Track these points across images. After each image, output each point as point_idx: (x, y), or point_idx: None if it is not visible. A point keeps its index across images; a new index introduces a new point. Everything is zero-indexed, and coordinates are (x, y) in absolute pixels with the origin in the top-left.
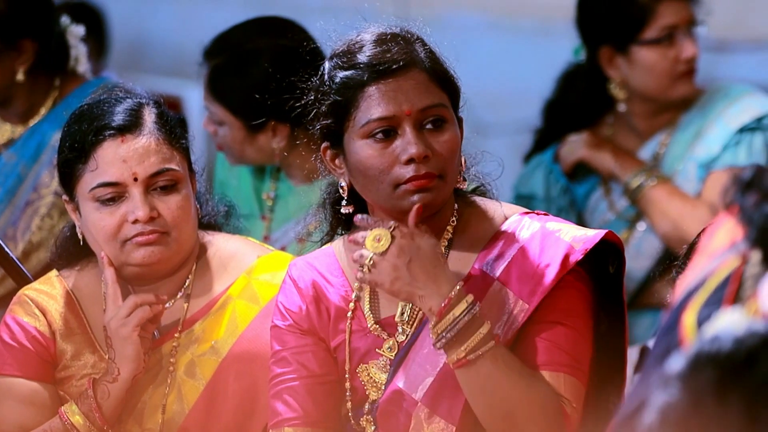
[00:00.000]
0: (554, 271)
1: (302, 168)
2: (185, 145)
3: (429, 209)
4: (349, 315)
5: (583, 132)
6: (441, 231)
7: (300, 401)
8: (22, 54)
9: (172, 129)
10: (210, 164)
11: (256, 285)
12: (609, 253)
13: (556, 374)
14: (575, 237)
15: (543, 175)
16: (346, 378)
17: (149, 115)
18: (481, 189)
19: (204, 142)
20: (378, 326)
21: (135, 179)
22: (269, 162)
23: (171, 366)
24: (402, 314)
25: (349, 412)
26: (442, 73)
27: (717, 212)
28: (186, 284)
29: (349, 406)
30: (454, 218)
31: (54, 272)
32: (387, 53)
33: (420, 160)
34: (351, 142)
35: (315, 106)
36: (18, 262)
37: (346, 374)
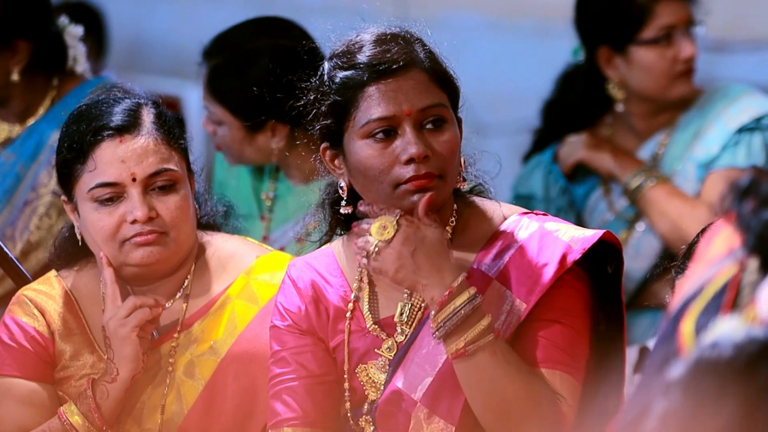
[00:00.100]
0: (552, 270)
1: (301, 168)
2: (184, 146)
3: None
4: (348, 315)
5: (582, 133)
6: None
7: (299, 401)
8: (17, 54)
9: (171, 129)
10: (209, 164)
11: (255, 285)
12: (607, 254)
13: (553, 372)
14: (573, 237)
15: (542, 176)
16: (345, 378)
17: (147, 116)
18: (479, 188)
19: (203, 143)
20: (377, 326)
21: (133, 179)
22: (268, 162)
23: (170, 366)
24: (401, 314)
25: (348, 413)
26: (442, 73)
27: (716, 212)
28: (185, 284)
29: (348, 407)
30: (453, 218)
31: (53, 272)
32: (387, 53)
33: (420, 160)
34: (351, 143)
35: (314, 107)
36: (17, 263)
37: (345, 374)
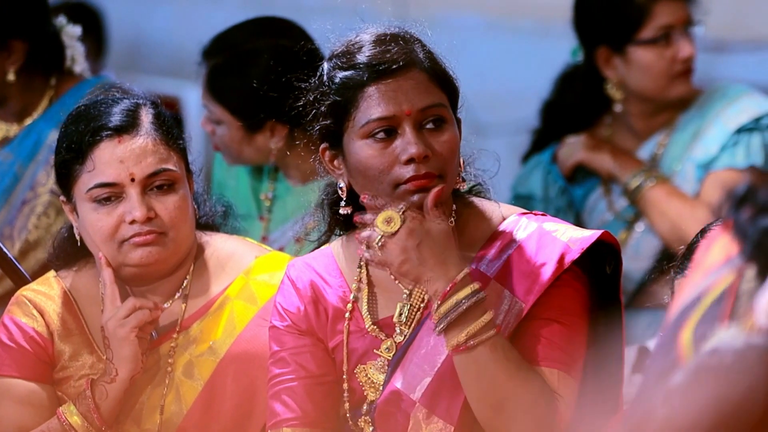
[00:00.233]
0: (551, 270)
1: (300, 168)
2: (182, 146)
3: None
4: (347, 316)
5: (581, 133)
6: None
7: (298, 402)
8: (12, 54)
9: (169, 129)
10: (208, 165)
11: (254, 285)
12: (606, 254)
13: (550, 370)
14: (572, 237)
15: (541, 176)
16: (344, 379)
17: (146, 116)
18: (477, 188)
19: (202, 143)
20: (376, 327)
21: (132, 180)
22: (266, 162)
23: (169, 366)
24: (400, 315)
25: (347, 413)
26: (442, 74)
27: (715, 213)
28: (184, 285)
29: (347, 407)
30: (452, 218)
31: (52, 273)
32: (386, 53)
33: (420, 160)
34: (350, 143)
35: (314, 107)
36: (16, 263)
37: (344, 375)
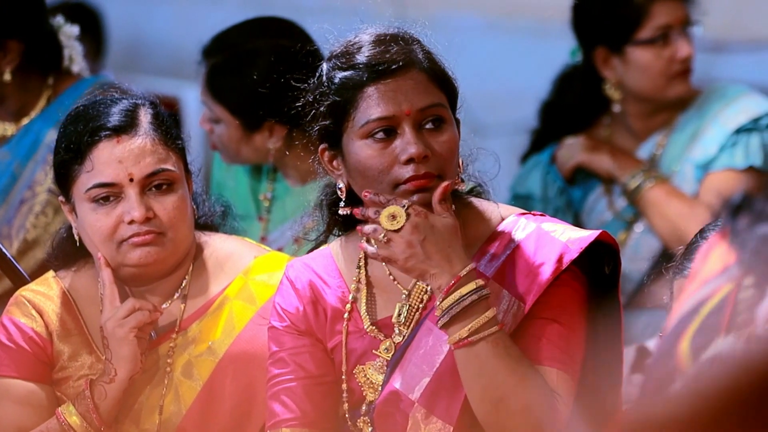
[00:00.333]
0: (549, 270)
1: (299, 169)
2: (181, 146)
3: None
4: (346, 316)
5: (580, 134)
6: None
7: (297, 402)
8: (8, 54)
9: (168, 129)
10: (207, 165)
11: (253, 285)
12: (605, 254)
13: (549, 369)
14: (570, 237)
15: (540, 176)
16: (343, 379)
17: (145, 116)
18: (478, 190)
19: (201, 143)
20: (374, 327)
21: (131, 180)
22: (264, 162)
23: (168, 367)
24: (399, 315)
25: (346, 414)
26: (441, 74)
27: (715, 213)
28: (183, 285)
29: (346, 408)
30: None
31: (51, 273)
32: (386, 53)
33: (419, 160)
34: (350, 143)
35: (313, 107)
36: (15, 263)
37: (343, 375)
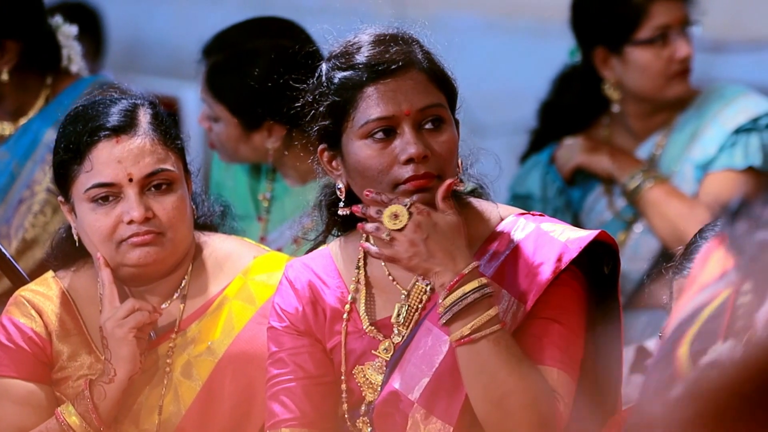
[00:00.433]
0: (549, 270)
1: (298, 169)
2: (180, 146)
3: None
4: (345, 317)
5: (579, 135)
6: None
7: (297, 402)
8: (5, 54)
9: (167, 129)
10: (206, 165)
11: (253, 286)
12: (604, 254)
13: (550, 369)
14: (570, 237)
15: (539, 176)
16: (342, 380)
17: (144, 116)
18: (478, 191)
19: (200, 143)
20: (374, 328)
21: (130, 180)
22: (262, 161)
23: (167, 367)
24: (398, 316)
25: (346, 414)
26: (440, 74)
27: (714, 213)
28: (182, 285)
29: (346, 408)
30: None
31: (50, 273)
32: (385, 53)
33: (419, 160)
34: (349, 143)
35: (312, 108)
36: (14, 262)
37: (342, 376)
